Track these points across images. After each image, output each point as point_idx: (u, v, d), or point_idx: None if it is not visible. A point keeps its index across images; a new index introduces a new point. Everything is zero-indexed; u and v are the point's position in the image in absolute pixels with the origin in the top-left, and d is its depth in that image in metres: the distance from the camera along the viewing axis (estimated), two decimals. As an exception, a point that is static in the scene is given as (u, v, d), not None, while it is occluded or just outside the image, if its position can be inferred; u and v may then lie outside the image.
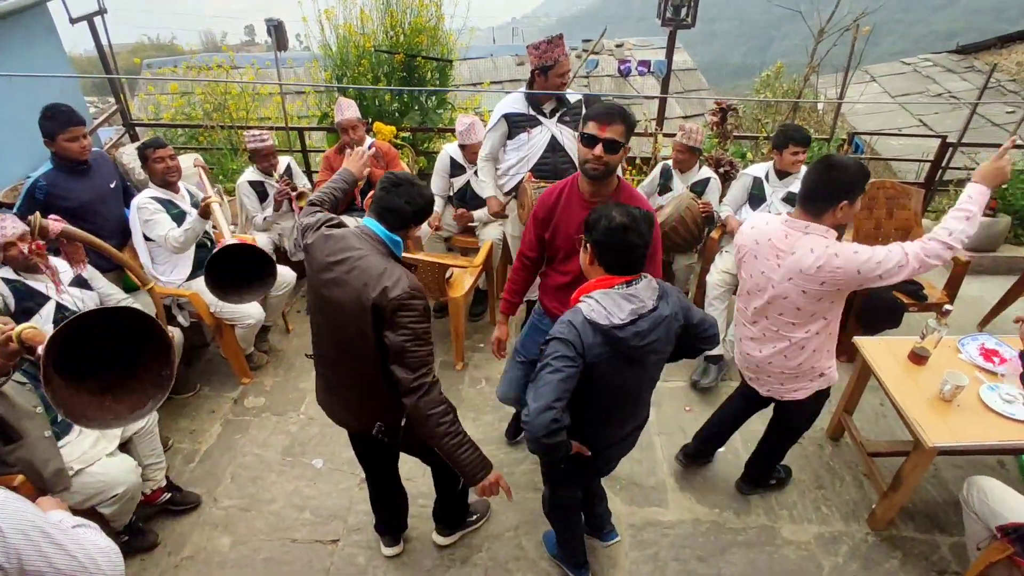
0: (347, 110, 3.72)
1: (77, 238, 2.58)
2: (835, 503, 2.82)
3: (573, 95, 3.11)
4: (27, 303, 2.54)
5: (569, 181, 2.27)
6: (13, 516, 1.11)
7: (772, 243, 2.11)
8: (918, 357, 2.64)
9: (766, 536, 2.67)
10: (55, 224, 2.49)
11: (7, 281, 2.53)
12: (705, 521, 2.73)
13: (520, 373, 2.59)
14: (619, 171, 2.21)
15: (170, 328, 3.14)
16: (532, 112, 3.01)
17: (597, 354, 1.69)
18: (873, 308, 3.49)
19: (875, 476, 2.77)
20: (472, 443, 1.90)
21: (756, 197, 3.57)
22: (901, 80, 9.59)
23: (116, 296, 2.89)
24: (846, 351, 3.57)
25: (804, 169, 3.46)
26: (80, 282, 2.78)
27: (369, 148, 3.68)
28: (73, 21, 4.22)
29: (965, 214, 2.02)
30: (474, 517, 2.70)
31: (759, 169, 3.59)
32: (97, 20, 4.40)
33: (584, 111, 3.15)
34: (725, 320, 3.61)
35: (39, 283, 2.59)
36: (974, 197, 2.05)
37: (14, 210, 2.99)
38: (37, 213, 2.47)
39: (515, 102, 3.02)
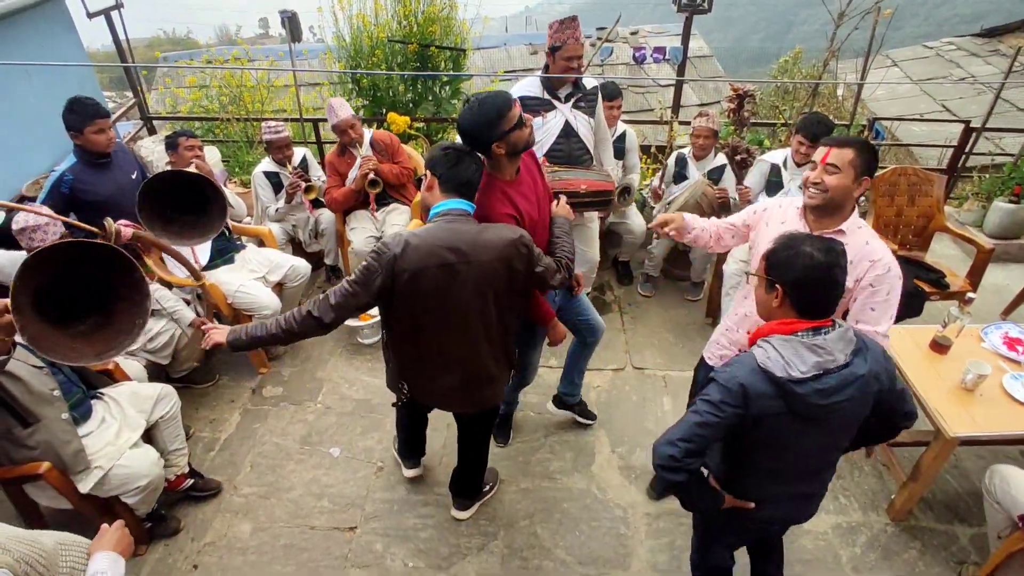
0: (340, 110, 3.61)
1: (148, 242, 2.64)
2: (853, 493, 2.80)
3: (590, 81, 3.08)
4: None
5: (490, 184, 2.20)
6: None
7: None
8: (939, 346, 2.60)
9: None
10: (126, 229, 2.52)
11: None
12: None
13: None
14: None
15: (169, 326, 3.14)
16: (547, 96, 2.99)
17: (765, 407, 1.51)
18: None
19: (894, 466, 2.74)
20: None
21: (774, 184, 3.53)
22: (923, 64, 9.38)
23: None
24: (865, 340, 3.53)
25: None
26: None
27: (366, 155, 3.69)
28: (91, 15, 4.27)
29: None
30: (487, 487, 2.78)
31: (777, 156, 3.54)
32: (114, 15, 4.44)
33: (599, 98, 3.13)
34: (742, 309, 3.57)
35: None
36: None
37: (38, 202, 3.04)
38: (109, 219, 2.44)
39: (530, 86, 3.00)
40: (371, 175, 3.64)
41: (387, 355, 2.22)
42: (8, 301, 1.70)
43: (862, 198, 3.58)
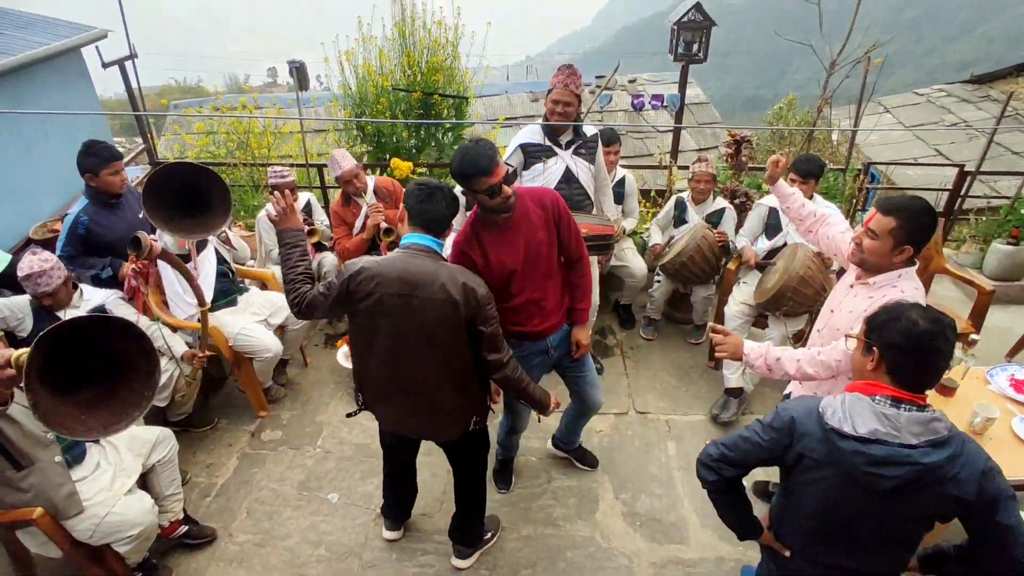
0: (343, 161, 3.68)
1: (170, 261, 2.76)
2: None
3: (590, 128, 3.15)
4: (43, 325, 2.59)
5: (470, 222, 2.28)
6: None
7: None
8: (946, 388, 2.58)
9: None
10: (156, 244, 2.61)
11: (32, 307, 2.60)
12: (729, 560, 2.65)
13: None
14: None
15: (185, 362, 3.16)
16: (548, 143, 3.06)
17: (808, 447, 1.48)
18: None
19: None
20: (533, 382, 2.25)
21: (772, 227, 3.56)
22: (915, 111, 9.59)
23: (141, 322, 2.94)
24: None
25: (819, 199, 3.46)
26: (100, 310, 2.83)
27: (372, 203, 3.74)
28: (105, 66, 4.41)
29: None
30: (488, 534, 2.72)
31: (775, 199, 3.58)
32: (128, 64, 4.59)
33: (599, 144, 3.20)
34: (744, 352, 3.55)
35: (60, 312, 2.65)
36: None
37: (58, 250, 3.08)
38: (142, 233, 2.52)
39: (532, 133, 3.08)
40: (384, 224, 3.67)
41: (353, 361, 2.29)
42: (11, 354, 1.72)
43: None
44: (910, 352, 1.44)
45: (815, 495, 1.55)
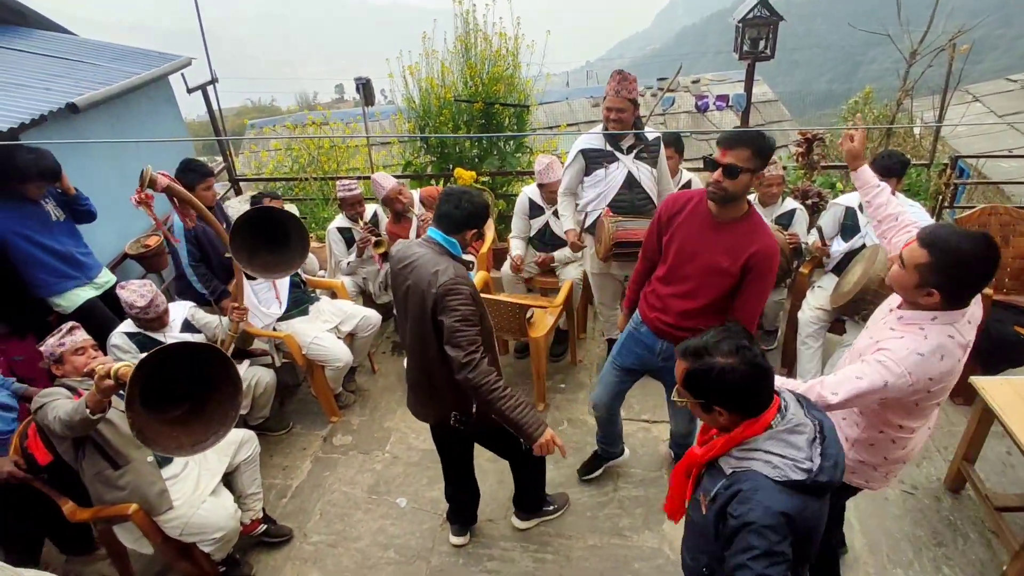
0: (384, 182, 3.83)
1: (179, 195, 2.66)
2: (958, 563, 2.53)
3: (652, 133, 3.11)
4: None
5: (700, 193, 2.29)
6: None
7: (961, 341, 1.69)
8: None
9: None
10: (163, 178, 2.59)
11: (130, 335, 2.82)
12: None
13: (615, 379, 2.67)
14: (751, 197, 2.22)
15: (263, 368, 3.33)
16: (609, 148, 3.03)
17: (808, 517, 1.37)
18: (992, 344, 3.18)
19: (1005, 533, 2.47)
20: (527, 404, 2.11)
21: (849, 228, 3.39)
22: (1008, 99, 8.89)
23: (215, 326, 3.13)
24: (962, 392, 3.26)
25: (901, 198, 3.27)
26: (188, 327, 3.04)
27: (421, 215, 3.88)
28: (190, 91, 4.72)
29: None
30: (551, 507, 2.84)
31: (852, 198, 3.41)
32: (209, 89, 4.89)
33: (662, 148, 3.14)
34: (820, 360, 3.39)
35: (158, 335, 2.86)
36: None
37: (185, 258, 3.35)
38: (148, 165, 2.57)
39: (593, 139, 3.06)
40: (374, 239, 3.87)
41: None
42: (112, 368, 1.89)
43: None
44: (743, 389, 1.41)
45: (817, 534, 1.47)
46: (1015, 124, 8.05)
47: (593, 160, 3.12)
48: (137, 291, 2.77)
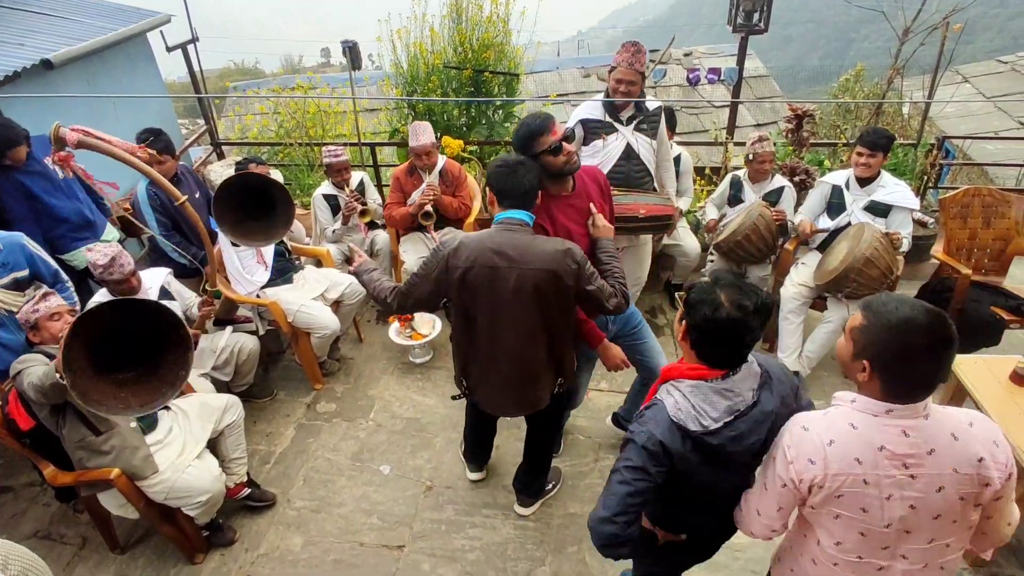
0: (422, 135, 3.69)
1: (95, 148, 2.41)
2: None
3: (653, 102, 3.07)
4: None
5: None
6: None
7: (888, 451, 1.31)
8: (1021, 378, 2.43)
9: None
10: (72, 134, 2.40)
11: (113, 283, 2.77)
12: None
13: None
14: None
15: (246, 335, 3.31)
16: (608, 119, 3.00)
17: (687, 459, 1.44)
18: (969, 324, 3.25)
19: (972, 506, 2.55)
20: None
21: (835, 206, 3.41)
22: (997, 80, 8.93)
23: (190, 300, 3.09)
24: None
25: (887, 177, 3.29)
26: (165, 294, 3.00)
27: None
28: (169, 49, 4.58)
29: None
30: (550, 485, 2.85)
31: (839, 176, 3.43)
32: (190, 48, 4.75)
33: (663, 119, 3.12)
34: (801, 335, 3.44)
35: None
36: None
37: (156, 229, 3.29)
38: (57, 123, 2.40)
39: (592, 108, 3.02)
40: (429, 208, 3.71)
41: (453, 349, 2.36)
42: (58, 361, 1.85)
43: (930, 221, 3.42)
44: (714, 339, 1.42)
45: (700, 490, 1.54)
46: (1003, 106, 8.10)
47: (592, 130, 3.08)
48: (101, 251, 2.68)
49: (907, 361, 1.26)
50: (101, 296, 2.83)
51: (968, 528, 1.37)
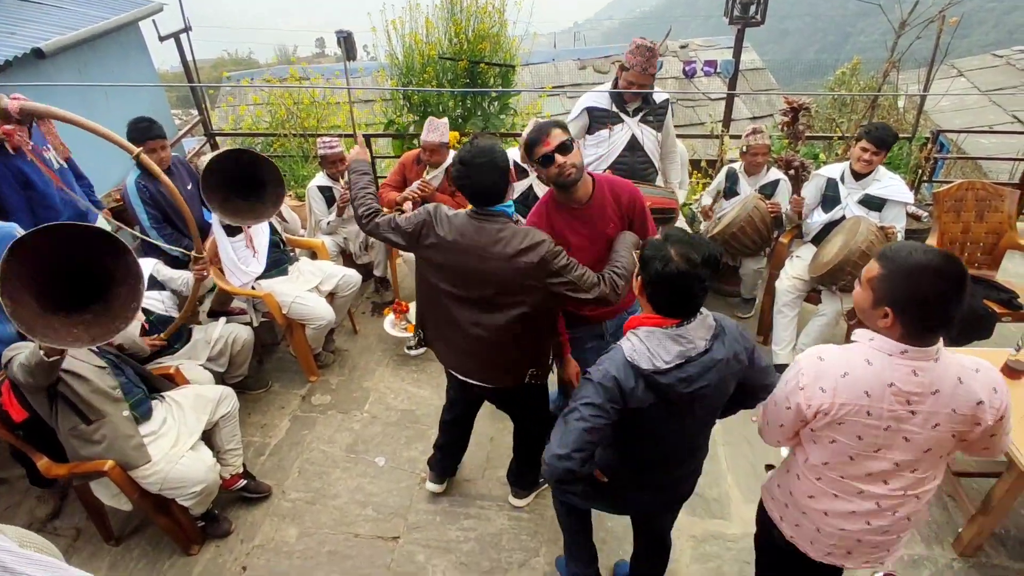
0: (433, 133, 3.67)
1: (42, 113, 2.38)
2: (916, 525, 2.64)
3: (660, 95, 3.06)
4: None
5: (544, 200, 2.28)
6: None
7: (896, 388, 1.41)
8: (1012, 371, 2.45)
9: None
10: (13, 103, 2.34)
11: None
12: (772, 536, 2.62)
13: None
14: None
15: (240, 326, 3.29)
16: (615, 109, 2.99)
17: (640, 399, 1.52)
18: (961, 317, 3.26)
19: (962, 498, 2.58)
20: (622, 259, 2.15)
21: (830, 199, 3.41)
22: (992, 74, 8.94)
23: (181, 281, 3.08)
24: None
25: (882, 171, 3.29)
26: (153, 283, 2.97)
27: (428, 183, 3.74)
28: (162, 39, 4.53)
29: None
30: (543, 480, 2.83)
31: (834, 170, 3.43)
32: (183, 37, 4.70)
33: (670, 111, 3.10)
34: (795, 328, 3.46)
35: None
36: None
37: (145, 221, 3.25)
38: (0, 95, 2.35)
39: (599, 97, 3.02)
40: (408, 203, 3.70)
41: (417, 296, 2.37)
42: None
43: (924, 214, 3.44)
44: (665, 290, 1.52)
45: (650, 436, 1.64)
46: (998, 100, 8.11)
47: (597, 119, 3.08)
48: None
49: (926, 303, 1.35)
50: None
51: (946, 461, 1.53)
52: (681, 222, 3.96)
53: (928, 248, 1.38)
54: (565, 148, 2.07)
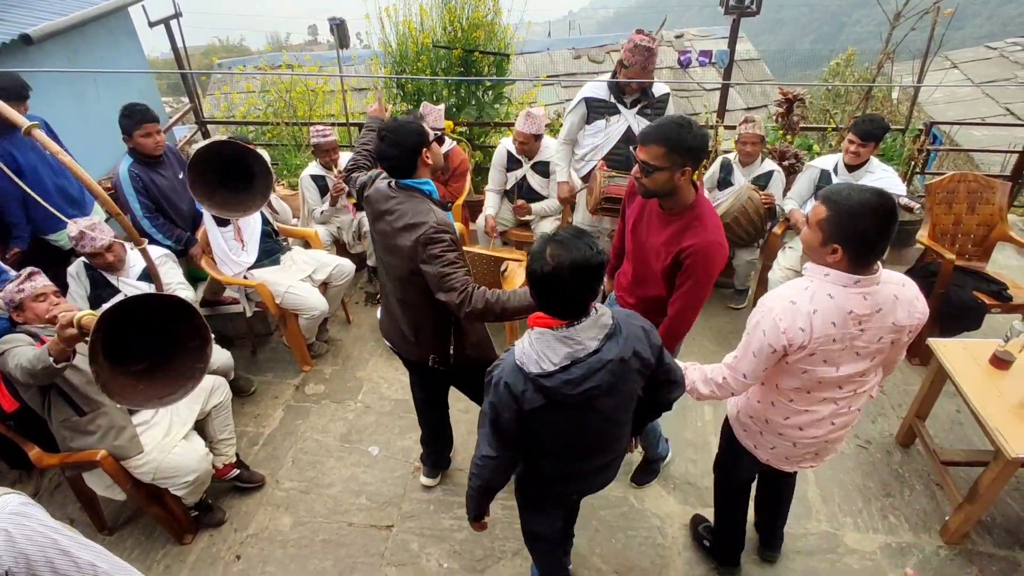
0: (428, 115, 3.67)
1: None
2: (904, 513, 2.68)
3: (660, 87, 3.05)
4: (100, 291, 2.74)
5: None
6: (29, 524, 1.12)
7: (854, 314, 1.63)
8: (1001, 361, 2.48)
9: (828, 543, 2.57)
10: None
11: (87, 266, 2.74)
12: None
13: None
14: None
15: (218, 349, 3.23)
16: (613, 100, 2.98)
17: (531, 400, 1.52)
18: (951, 308, 3.29)
19: (949, 486, 2.62)
20: (516, 297, 2.01)
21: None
22: (985, 66, 8.96)
23: (177, 284, 3.04)
24: (919, 353, 3.39)
25: (875, 163, 3.30)
26: (148, 276, 2.95)
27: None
28: (152, 25, 4.47)
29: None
30: None
31: (827, 161, 3.44)
32: (173, 24, 4.63)
33: (670, 105, 3.09)
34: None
35: (111, 277, 2.79)
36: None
37: (138, 210, 3.19)
38: None
39: (598, 88, 3.01)
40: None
41: None
42: (75, 316, 1.88)
43: (917, 206, 3.45)
44: (539, 289, 1.50)
45: (553, 433, 1.65)
46: (990, 92, 8.14)
47: (595, 110, 3.07)
48: (78, 223, 2.64)
49: (868, 236, 1.55)
50: (76, 268, 2.78)
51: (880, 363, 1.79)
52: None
53: (863, 187, 1.56)
54: (645, 169, 1.95)
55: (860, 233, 1.54)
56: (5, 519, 1.09)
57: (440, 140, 3.70)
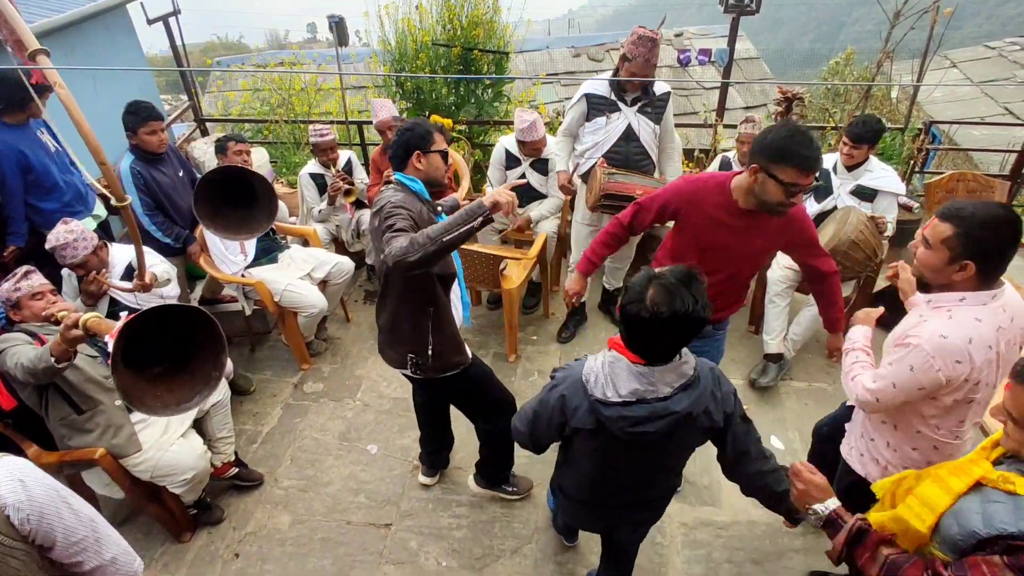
0: (380, 111, 3.68)
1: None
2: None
3: (661, 86, 3.05)
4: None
5: (724, 179, 2.10)
6: (37, 475, 1.21)
7: (1002, 329, 1.59)
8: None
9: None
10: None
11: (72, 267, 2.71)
12: (761, 523, 2.65)
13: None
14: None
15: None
16: (613, 97, 2.98)
17: (581, 420, 1.51)
18: (890, 301, 3.28)
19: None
20: (449, 221, 1.77)
21: (822, 189, 3.42)
22: (984, 66, 8.97)
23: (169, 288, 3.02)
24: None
25: (874, 162, 3.30)
26: (129, 272, 2.91)
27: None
28: (150, 22, 4.46)
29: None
30: (511, 489, 2.77)
31: (827, 160, 3.43)
32: (171, 21, 4.63)
33: (670, 104, 3.06)
34: (786, 318, 3.48)
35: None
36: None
37: (139, 207, 3.17)
38: None
39: (598, 85, 3.01)
40: (345, 186, 3.71)
41: None
42: (79, 318, 1.90)
43: (916, 205, 3.45)
44: (629, 325, 1.44)
45: (591, 459, 1.64)
46: (989, 91, 8.14)
47: (595, 106, 3.07)
48: (65, 228, 2.55)
49: (1003, 248, 1.53)
50: (68, 273, 2.76)
51: None
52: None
53: (983, 202, 1.54)
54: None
55: (995, 245, 1.53)
56: (17, 471, 1.17)
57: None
